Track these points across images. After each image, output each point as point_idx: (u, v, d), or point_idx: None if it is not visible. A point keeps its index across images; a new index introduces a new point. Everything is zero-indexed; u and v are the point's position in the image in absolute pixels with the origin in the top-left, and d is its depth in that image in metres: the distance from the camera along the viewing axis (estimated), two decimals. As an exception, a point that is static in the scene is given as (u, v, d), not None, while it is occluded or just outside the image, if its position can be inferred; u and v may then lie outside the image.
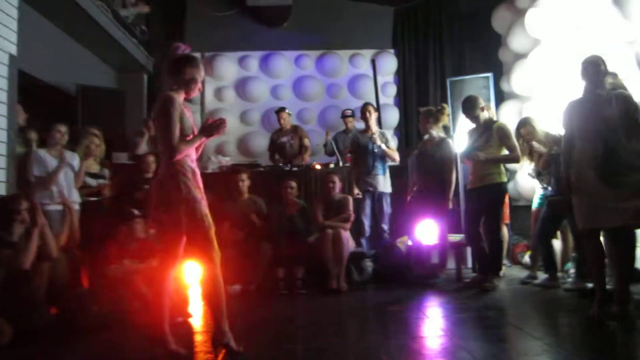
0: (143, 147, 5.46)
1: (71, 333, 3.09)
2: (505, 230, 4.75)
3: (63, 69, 5.37)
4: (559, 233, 4.34)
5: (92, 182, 4.43)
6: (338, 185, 4.74)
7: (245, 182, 4.70)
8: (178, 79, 2.60)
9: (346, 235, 4.54)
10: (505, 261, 4.73)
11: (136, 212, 3.82)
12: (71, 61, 5.57)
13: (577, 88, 3.19)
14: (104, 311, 3.31)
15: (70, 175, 4.12)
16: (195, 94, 2.72)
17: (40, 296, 3.19)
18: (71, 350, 2.85)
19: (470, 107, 4.32)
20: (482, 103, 4.36)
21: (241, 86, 7.32)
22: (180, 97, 2.60)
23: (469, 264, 5.14)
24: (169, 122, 2.46)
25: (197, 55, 6.81)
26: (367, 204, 5.09)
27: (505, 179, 4.26)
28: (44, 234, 3.28)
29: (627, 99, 2.94)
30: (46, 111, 5.41)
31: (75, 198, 4.13)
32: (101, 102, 5.53)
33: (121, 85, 6.75)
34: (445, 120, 4.74)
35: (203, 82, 7.34)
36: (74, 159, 4.18)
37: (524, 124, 4.40)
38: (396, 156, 5.21)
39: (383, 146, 5.07)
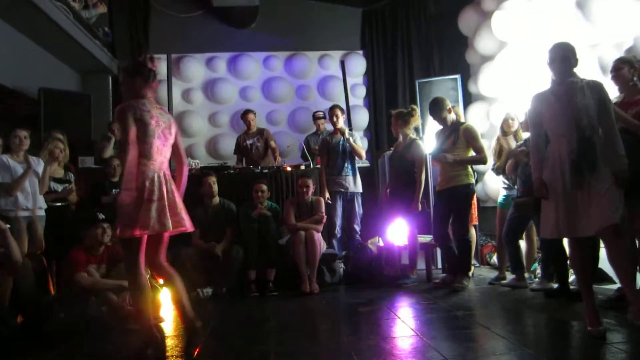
0: (109, 151, 5.36)
1: (37, 341, 3.03)
2: (473, 232, 4.84)
3: (24, 72, 5.20)
4: (524, 234, 4.42)
5: (58, 187, 4.32)
6: (311, 189, 4.74)
7: (214, 185, 4.66)
8: None
9: (318, 237, 4.55)
10: (473, 261, 4.82)
11: (102, 216, 3.74)
12: (32, 64, 5.41)
13: (544, 85, 2.97)
14: (71, 318, 3.25)
15: (34, 181, 4.01)
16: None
17: (4, 303, 3.10)
18: (35, 358, 2.77)
19: (437, 109, 4.38)
20: (449, 105, 4.43)
21: (209, 88, 7.25)
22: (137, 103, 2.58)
23: (439, 264, 5.23)
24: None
25: (163, 57, 6.79)
26: (339, 205, 5.11)
27: (472, 181, 4.34)
28: (5, 239, 3.18)
29: (601, 87, 2.76)
30: (8, 116, 5.25)
31: (40, 204, 4.02)
32: (65, 105, 5.39)
33: (85, 88, 6.59)
34: (417, 121, 4.80)
35: (170, 84, 7.24)
36: (39, 164, 4.06)
37: (506, 120, 4.47)
38: (362, 152, 5.23)
39: (351, 140, 5.10)
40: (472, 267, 4.65)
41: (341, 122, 5.22)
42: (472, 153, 4.30)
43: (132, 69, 2.65)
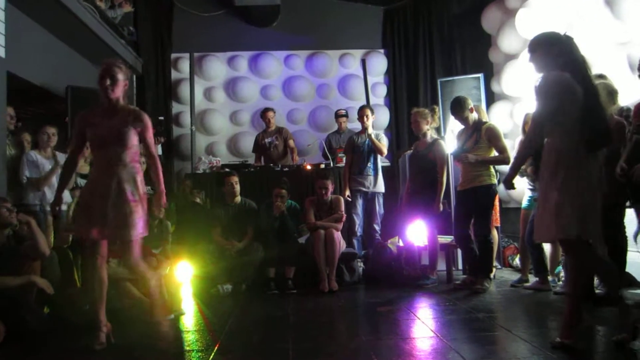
0: None
1: (64, 332, 3.10)
2: (495, 233, 4.78)
3: (52, 71, 5.32)
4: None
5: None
6: (330, 189, 4.73)
7: (237, 185, 4.69)
8: None
9: (338, 236, 4.55)
10: (495, 263, 4.76)
11: None
12: (60, 62, 5.53)
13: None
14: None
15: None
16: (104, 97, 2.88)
17: (32, 296, 3.18)
18: (64, 349, 2.84)
19: (459, 108, 4.33)
20: (470, 104, 4.37)
21: (231, 86, 7.30)
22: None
23: (460, 265, 5.17)
24: None
25: (186, 55, 6.87)
26: (359, 204, 5.10)
27: (494, 181, 4.27)
28: (32, 231, 3.27)
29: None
30: (36, 113, 5.38)
31: (66, 199, 4.12)
32: (91, 103, 5.44)
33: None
34: (437, 121, 4.75)
35: (193, 83, 7.32)
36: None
37: (527, 122, 4.39)
38: (384, 149, 5.19)
39: (372, 135, 5.07)
40: (494, 269, 4.59)
41: (370, 123, 5.18)
42: (494, 153, 4.24)
43: None
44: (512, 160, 4.20)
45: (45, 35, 5.20)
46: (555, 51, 2.59)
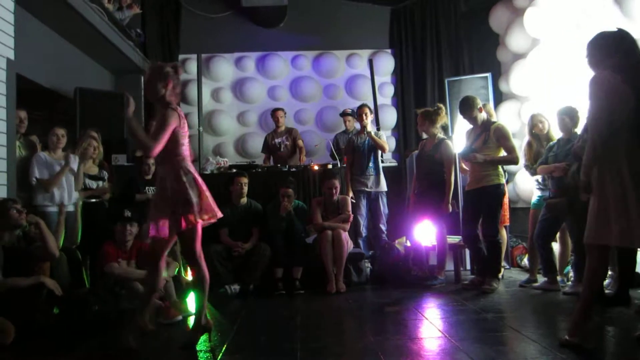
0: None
1: (73, 333, 3.12)
2: (504, 233, 4.75)
3: (61, 72, 5.36)
4: (557, 236, 4.30)
5: (92, 183, 4.44)
6: (338, 189, 4.74)
7: (245, 187, 4.70)
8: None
9: (345, 236, 4.55)
10: (504, 263, 4.73)
11: (128, 214, 3.83)
12: (68, 64, 5.57)
13: (577, 89, 2.86)
14: (105, 311, 3.34)
15: (70, 177, 4.15)
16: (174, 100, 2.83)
17: (42, 296, 3.20)
18: (73, 349, 2.86)
19: (467, 107, 4.31)
20: (479, 103, 4.36)
21: (238, 87, 7.32)
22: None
23: (468, 265, 5.15)
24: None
25: (194, 56, 6.90)
26: (363, 204, 5.09)
27: (503, 181, 4.25)
28: (41, 232, 3.30)
29: None
30: (46, 114, 5.43)
31: (75, 199, 4.16)
32: (99, 104, 5.53)
33: (118, 88, 6.74)
34: (444, 120, 4.73)
35: (200, 84, 7.31)
36: (74, 161, 4.19)
37: (535, 123, 4.37)
38: (385, 145, 5.15)
39: (372, 133, 5.05)
40: (502, 269, 4.57)
41: (369, 121, 5.18)
42: (503, 153, 4.22)
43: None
44: (519, 160, 4.21)
45: (53, 37, 5.24)
46: (606, 51, 2.50)
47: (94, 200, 4.41)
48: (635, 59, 2.48)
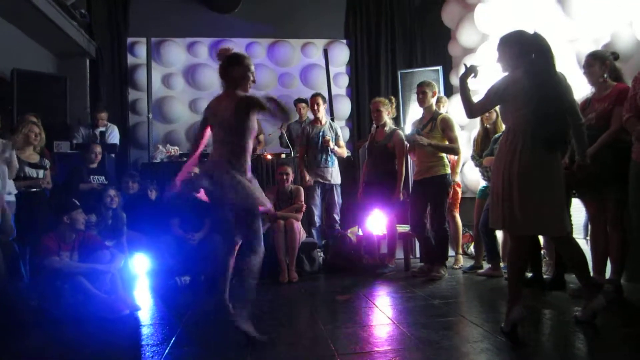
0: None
1: (8, 329, 2.97)
2: (459, 220, 4.91)
3: (-4, 52, 5.06)
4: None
5: (33, 172, 4.20)
6: (291, 176, 4.73)
7: None
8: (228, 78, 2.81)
9: (298, 226, 4.55)
10: (451, 252, 4.88)
11: (77, 203, 3.66)
12: (5, 44, 5.24)
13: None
14: (45, 306, 3.19)
15: (3, 166, 3.88)
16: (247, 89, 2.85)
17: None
18: (8, 346, 2.72)
19: (427, 83, 4.41)
20: (435, 88, 4.46)
21: (190, 73, 7.15)
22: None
23: (417, 254, 5.28)
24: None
25: (143, 40, 6.65)
26: (317, 194, 5.11)
27: (448, 171, 4.38)
28: None
29: None
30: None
31: (9, 189, 3.91)
32: (40, 87, 5.25)
33: (61, 71, 6.42)
34: (394, 113, 4.82)
35: (150, 69, 7.08)
36: (8, 148, 3.93)
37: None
38: (345, 153, 5.30)
39: (336, 148, 5.12)
40: (460, 257, 4.78)
41: (322, 111, 5.19)
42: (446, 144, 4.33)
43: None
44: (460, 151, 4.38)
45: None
46: (515, 51, 2.60)
47: (34, 190, 4.18)
48: (541, 57, 2.58)
